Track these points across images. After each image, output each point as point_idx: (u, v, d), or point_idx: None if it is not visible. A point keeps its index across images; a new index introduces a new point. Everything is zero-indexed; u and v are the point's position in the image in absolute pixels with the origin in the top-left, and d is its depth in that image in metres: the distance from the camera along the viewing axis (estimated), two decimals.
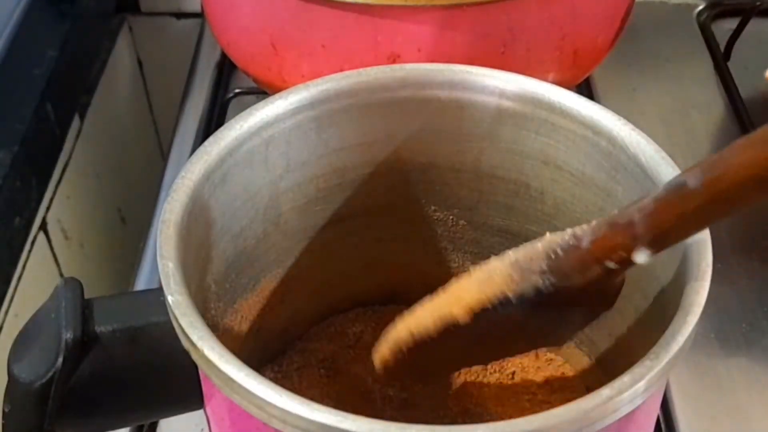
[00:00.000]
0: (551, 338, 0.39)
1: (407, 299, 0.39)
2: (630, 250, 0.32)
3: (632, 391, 0.30)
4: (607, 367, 0.44)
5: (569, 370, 0.46)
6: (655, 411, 0.37)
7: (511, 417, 0.30)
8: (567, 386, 0.46)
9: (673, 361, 0.31)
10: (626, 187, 0.39)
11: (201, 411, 0.38)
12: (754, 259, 0.56)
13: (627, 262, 0.32)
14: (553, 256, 0.34)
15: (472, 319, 0.35)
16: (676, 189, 0.30)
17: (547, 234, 0.35)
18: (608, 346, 0.43)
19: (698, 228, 0.32)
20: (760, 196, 0.29)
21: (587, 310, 0.35)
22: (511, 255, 0.35)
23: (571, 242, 0.33)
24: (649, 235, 0.31)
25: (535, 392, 0.46)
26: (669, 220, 0.31)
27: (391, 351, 0.38)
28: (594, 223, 0.33)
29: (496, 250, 0.47)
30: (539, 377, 0.46)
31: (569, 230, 0.34)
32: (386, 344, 0.38)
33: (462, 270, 0.49)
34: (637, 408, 0.31)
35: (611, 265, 0.32)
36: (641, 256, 0.32)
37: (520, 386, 0.46)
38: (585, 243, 0.33)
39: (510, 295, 0.34)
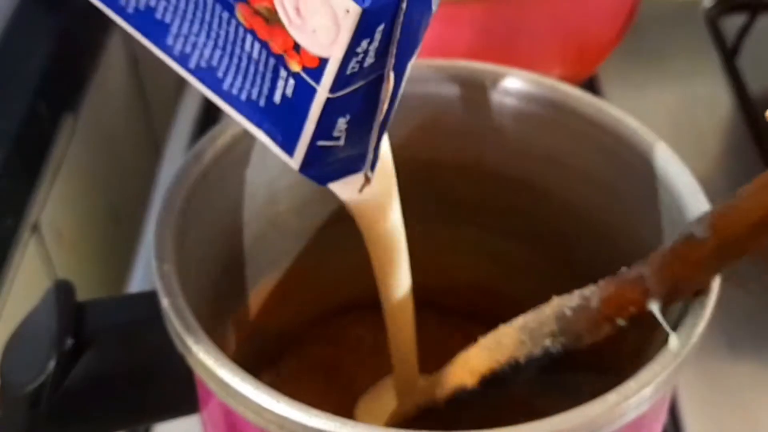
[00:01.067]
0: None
1: None
2: (641, 306, 0.32)
3: (639, 396, 0.30)
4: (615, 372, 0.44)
5: None
6: (663, 416, 0.37)
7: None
8: None
9: (681, 365, 0.31)
10: (633, 186, 0.39)
11: (196, 416, 0.38)
12: (763, 261, 0.55)
13: (638, 319, 0.32)
14: (562, 318, 0.34)
15: (480, 384, 0.35)
16: (685, 240, 0.31)
17: (554, 298, 0.35)
18: (614, 350, 0.43)
19: (710, 277, 0.32)
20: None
21: (598, 372, 0.35)
22: (520, 320, 0.35)
23: (580, 302, 0.34)
24: (660, 289, 0.32)
25: None
26: (679, 273, 0.31)
27: (394, 421, 0.38)
28: (601, 282, 0.33)
29: (500, 250, 0.47)
30: None
31: (577, 291, 0.34)
32: (390, 416, 0.39)
33: (462, 270, 0.49)
34: (645, 413, 0.31)
35: (622, 322, 0.33)
36: (655, 309, 0.32)
37: None
38: (594, 302, 0.33)
39: (521, 359, 0.34)
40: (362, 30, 0.26)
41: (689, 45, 0.72)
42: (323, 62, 0.27)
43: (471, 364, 0.36)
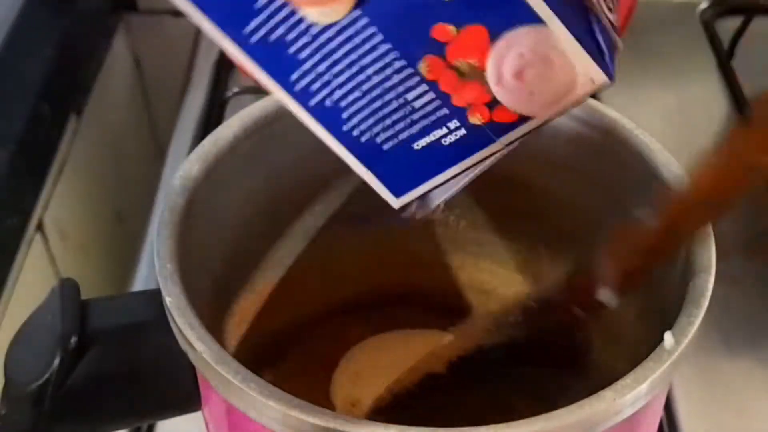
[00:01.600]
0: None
1: (407, 300, 0.39)
2: (595, 294, 0.33)
3: (635, 392, 0.30)
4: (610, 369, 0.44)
5: None
6: (659, 413, 0.37)
7: None
8: None
9: (677, 362, 0.31)
10: (629, 186, 0.39)
11: (199, 413, 0.38)
12: (758, 259, 0.56)
13: (594, 307, 0.33)
14: (527, 309, 0.35)
15: (447, 368, 0.36)
16: (629, 227, 0.32)
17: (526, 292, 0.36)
18: (610, 347, 0.43)
19: (660, 262, 0.32)
20: (712, 216, 0.30)
21: (559, 366, 0.35)
22: (488, 311, 0.37)
23: (543, 294, 0.35)
24: (611, 276, 0.32)
25: None
26: (627, 258, 0.32)
27: (371, 410, 0.39)
28: (564, 273, 0.34)
29: (498, 250, 0.47)
30: None
31: (544, 284, 0.35)
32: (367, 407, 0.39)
33: (462, 271, 0.49)
34: (641, 410, 0.31)
35: (579, 311, 0.33)
36: (606, 297, 0.32)
37: None
38: (555, 293, 0.34)
39: (486, 347, 0.35)
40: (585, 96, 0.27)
41: (685, 47, 0.72)
42: (521, 120, 0.28)
43: (440, 351, 0.36)
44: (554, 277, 0.34)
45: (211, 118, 0.67)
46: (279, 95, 0.29)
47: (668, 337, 0.31)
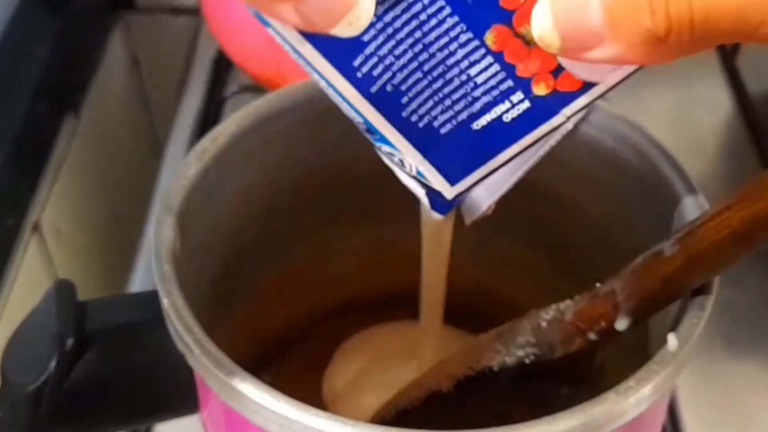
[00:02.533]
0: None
1: (406, 301, 0.39)
2: (611, 320, 0.32)
3: (638, 395, 0.30)
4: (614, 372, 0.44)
5: None
6: (662, 416, 0.37)
7: None
8: None
9: (680, 365, 0.31)
10: (632, 186, 0.39)
11: (196, 416, 0.38)
12: (762, 261, 0.56)
13: (609, 333, 0.33)
14: (537, 329, 0.34)
15: (455, 387, 0.36)
16: (653, 256, 0.31)
17: (533, 310, 0.35)
18: (613, 350, 0.43)
19: (680, 293, 0.32)
20: (735, 255, 0.30)
21: (568, 385, 0.35)
22: (498, 329, 0.36)
23: (555, 315, 0.34)
24: (630, 304, 0.32)
25: None
26: (648, 288, 0.31)
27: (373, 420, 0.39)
28: (577, 296, 0.34)
29: (499, 251, 0.47)
30: None
31: (554, 305, 0.34)
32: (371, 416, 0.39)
33: (462, 270, 0.49)
34: (644, 412, 0.31)
35: (593, 336, 0.33)
36: (623, 325, 0.32)
37: None
38: (568, 315, 0.34)
39: (495, 367, 0.35)
40: None
41: None
42: (586, 87, 0.27)
43: (448, 369, 0.36)
44: (568, 300, 0.34)
45: (209, 117, 0.67)
46: (337, 84, 0.28)
47: (672, 339, 0.31)
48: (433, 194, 0.32)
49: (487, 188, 0.32)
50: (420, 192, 0.32)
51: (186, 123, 0.68)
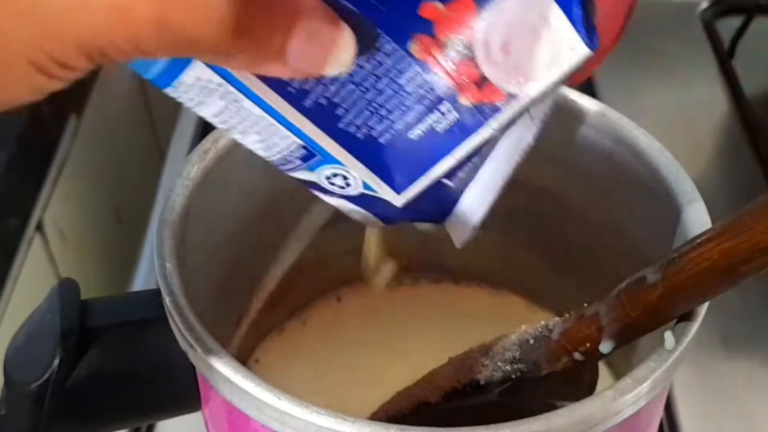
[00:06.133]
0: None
1: None
2: (596, 342, 0.32)
3: (635, 392, 0.30)
4: (611, 368, 0.44)
5: None
6: (659, 413, 0.37)
7: None
8: None
9: (677, 362, 0.31)
10: (630, 186, 0.39)
11: (199, 413, 0.38)
12: None
13: (594, 354, 0.33)
14: (525, 345, 0.35)
15: (442, 400, 0.36)
16: (636, 283, 0.31)
17: (522, 326, 0.35)
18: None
19: (662, 321, 0.32)
20: (715, 287, 0.30)
21: (557, 400, 0.35)
22: (487, 343, 0.36)
23: (542, 332, 0.34)
24: (613, 327, 0.32)
25: None
26: (630, 314, 0.31)
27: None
28: (566, 315, 0.34)
29: (498, 251, 0.47)
30: None
31: (542, 322, 0.35)
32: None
33: (462, 270, 0.49)
34: (641, 410, 0.31)
35: (578, 356, 0.33)
36: (607, 348, 0.32)
37: None
38: (555, 334, 0.34)
39: (482, 381, 0.35)
40: (575, 70, 0.27)
41: (685, 47, 0.72)
42: (509, 99, 0.27)
43: (436, 381, 0.37)
44: (555, 321, 0.34)
45: None
46: (274, 103, 0.28)
47: (668, 336, 0.32)
48: (377, 207, 0.31)
49: (475, 205, 0.32)
50: (359, 212, 0.32)
51: (188, 123, 0.68)
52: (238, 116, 0.28)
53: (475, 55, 0.27)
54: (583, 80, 0.60)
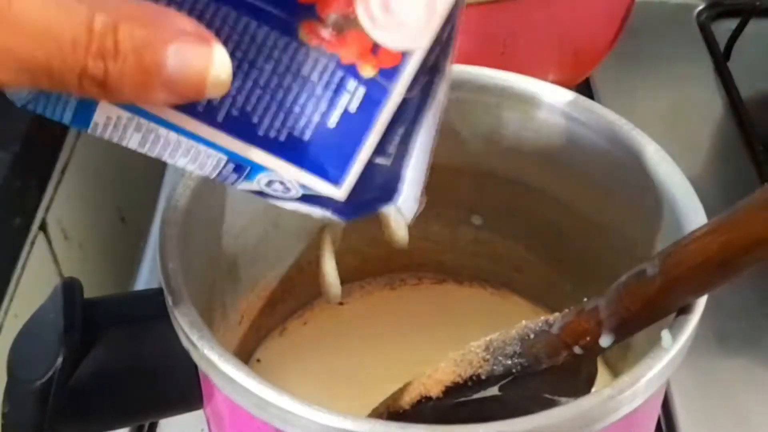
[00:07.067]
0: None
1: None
2: (596, 336, 0.33)
3: (633, 390, 0.30)
4: (609, 367, 0.44)
5: None
6: (656, 411, 0.37)
7: None
8: None
9: (674, 360, 0.32)
10: (626, 186, 0.39)
11: (201, 411, 0.38)
12: None
13: (594, 348, 0.33)
14: (525, 340, 0.35)
15: (443, 394, 0.36)
16: (635, 276, 0.31)
17: (523, 321, 0.36)
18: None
19: (661, 314, 0.32)
20: (713, 280, 0.30)
21: (557, 395, 0.35)
22: (488, 338, 0.36)
23: (543, 327, 0.35)
24: (613, 321, 0.32)
25: None
26: (630, 307, 0.32)
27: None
28: (565, 310, 0.34)
29: (497, 250, 0.47)
30: None
31: (543, 317, 0.35)
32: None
33: (462, 270, 0.49)
34: (638, 408, 0.31)
35: (578, 350, 0.33)
36: (606, 342, 0.32)
37: None
38: (555, 329, 0.34)
39: (483, 375, 0.35)
40: (451, 14, 0.27)
41: (682, 49, 0.72)
42: (405, 57, 0.27)
43: (437, 375, 0.37)
44: (555, 315, 0.34)
45: None
46: (186, 125, 0.28)
47: (666, 335, 0.32)
48: (329, 205, 0.31)
49: (411, 187, 0.32)
50: (315, 211, 0.31)
51: None
52: (159, 144, 0.28)
53: (362, 24, 0.27)
54: (581, 81, 0.60)
